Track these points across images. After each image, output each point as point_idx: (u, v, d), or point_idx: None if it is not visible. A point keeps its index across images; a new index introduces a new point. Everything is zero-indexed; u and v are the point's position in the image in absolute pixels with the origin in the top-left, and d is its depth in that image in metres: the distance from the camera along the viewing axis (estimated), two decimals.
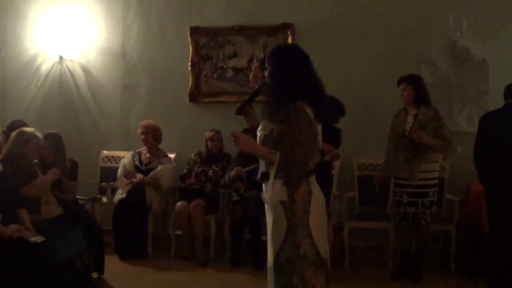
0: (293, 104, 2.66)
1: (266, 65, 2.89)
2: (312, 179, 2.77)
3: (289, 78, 2.71)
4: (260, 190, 2.86)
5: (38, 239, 3.68)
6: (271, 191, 2.73)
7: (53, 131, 4.67)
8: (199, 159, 5.55)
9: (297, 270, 2.70)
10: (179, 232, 5.42)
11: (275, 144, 2.68)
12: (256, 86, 2.89)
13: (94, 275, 4.47)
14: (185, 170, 5.56)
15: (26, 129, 4.31)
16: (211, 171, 5.42)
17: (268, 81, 2.83)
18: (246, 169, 5.02)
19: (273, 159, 2.67)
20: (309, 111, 2.68)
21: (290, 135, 2.64)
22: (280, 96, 2.71)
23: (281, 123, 2.66)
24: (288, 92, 2.69)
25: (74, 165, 4.79)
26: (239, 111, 2.91)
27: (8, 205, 3.78)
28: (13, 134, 4.23)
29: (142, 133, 5.53)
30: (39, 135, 4.29)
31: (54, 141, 4.55)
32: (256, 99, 2.99)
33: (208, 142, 5.48)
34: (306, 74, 2.75)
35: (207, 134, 5.50)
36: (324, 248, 2.77)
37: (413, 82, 4.59)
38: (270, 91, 2.79)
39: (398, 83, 4.65)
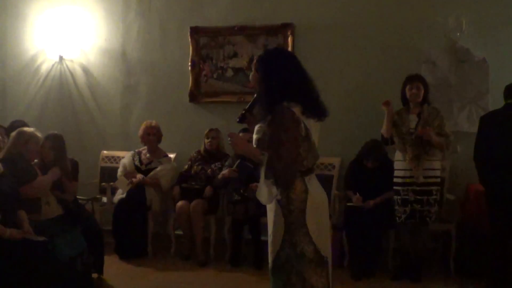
0: (279, 105, 2.69)
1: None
2: (310, 178, 2.78)
3: (273, 81, 2.74)
4: None
5: (40, 237, 3.69)
6: (264, 191, 2.76)
7: (54, 132, 4.69)
8: (199, 157, 5.55)
9: (296, 269, 2.73)
10: (179, 232, 5.43)
11: (267, 146, 2.72)
12: (256, 94, 2.92)
13: (94, 275, 4.47)
14: (186, 167, 5.55)
15: (26, 129, 4.30)
16: (209, 170, 5.41)
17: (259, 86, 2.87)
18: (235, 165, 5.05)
19: (263, 160, 2.71)
20: (297, 110, 2.70)
21: (276, 135, 2.67)
22: (267, 99, 2.75)
23: (270, 125, 2.70)
24: (273, 94, 2.73)
25: (75, 164, 4.80)
26: (241, 120, 2.96)
27: (8, 206, 3.78)
28: (13, 134, 4.22)
29: (148, 134, 5.53)
30: (39, 135, 4.29)
31: (54, 141, 4.56)
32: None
33: (205, 140, 5.49)
34: (292, 74, 2.77)
35: (206, 132, 5.51)
36: (324, 246, 2.78)
37: (425, 82, 4.67)
38: (259, 95, 2.84)
39: (412, 80, 4.64)
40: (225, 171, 5.15)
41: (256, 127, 2.81)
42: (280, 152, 2.65)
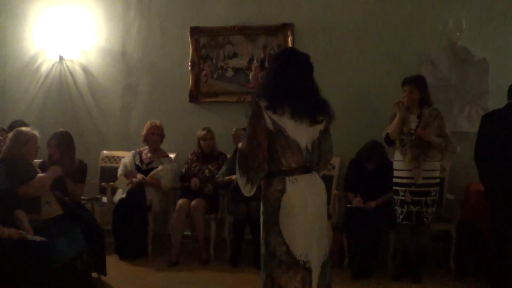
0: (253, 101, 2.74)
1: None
2: (297, 178, 2.73)
3: (263, 80, 2.87)
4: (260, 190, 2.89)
5: (37, 238, 3.69)
6: (239, 183, 2.81)
7: (61, 129, 4.70)
8: (195, 158, 5.54)
9: (267, 267, 2.74)
10: None
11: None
12: None
13: (94, 275, 4.47)
14: (184, 170, 5.55)
15: (23, 129, 4.30)
16: (207, 170, 5.40)
17: None
18: None
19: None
20: (263, 104, 2.66)
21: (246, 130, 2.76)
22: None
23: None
24: (257, 91, 2.83)
25: (83, 166, 4.77)
26: None
27: (6, 206, 3.78)
28: (10, 135, 4.21)
29: (152, 133, 5.52)
30: (37, 133, 4.28)
31: (59, 139, 4.57)
32: None
33: (201, 142, 5.46)
34: (269, 73, 2.82)
35: (199, 133, 5.48)
36: (301, 250, 2.71)
37: (419, 84, 4.62)
38: None
39: (403, 84, 4.64)
40: (233, 176, 5.08)
41: None
42: (242, 146, 2.70)
